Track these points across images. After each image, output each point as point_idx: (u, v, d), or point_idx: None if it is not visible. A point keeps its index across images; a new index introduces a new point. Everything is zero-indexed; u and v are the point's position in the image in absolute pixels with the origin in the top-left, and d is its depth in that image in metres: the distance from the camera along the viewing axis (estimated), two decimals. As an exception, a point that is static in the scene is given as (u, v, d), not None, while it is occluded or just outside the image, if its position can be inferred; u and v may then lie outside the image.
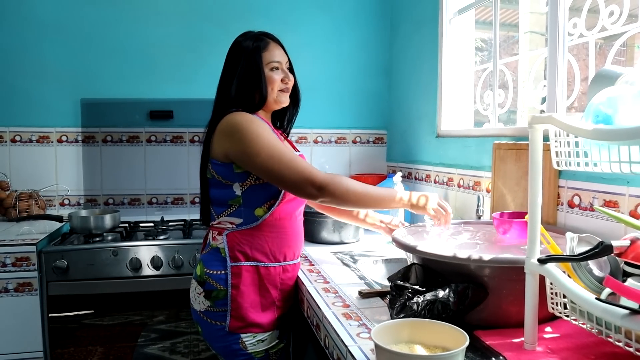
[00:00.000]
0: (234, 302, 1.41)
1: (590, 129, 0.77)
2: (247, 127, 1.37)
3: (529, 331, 0.92)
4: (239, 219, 1.44)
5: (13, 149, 2.58)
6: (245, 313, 1.42)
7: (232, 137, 1.38)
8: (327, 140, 2.86)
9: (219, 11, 2.69)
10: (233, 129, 1.38)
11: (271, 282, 1.45)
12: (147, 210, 2.71)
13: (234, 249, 1.43)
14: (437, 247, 1.15)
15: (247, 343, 1.43)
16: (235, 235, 1.43)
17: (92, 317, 2.10)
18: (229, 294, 1.41)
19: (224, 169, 1.42)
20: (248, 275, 1.42)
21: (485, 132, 1.95)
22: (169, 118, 2.68)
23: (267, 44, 1.49)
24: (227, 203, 1.45)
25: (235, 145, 1.37)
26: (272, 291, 1.45)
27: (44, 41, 2.56)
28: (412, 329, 0.92)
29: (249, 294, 1.42)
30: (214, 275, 1.43)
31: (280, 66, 1.49)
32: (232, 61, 1.49)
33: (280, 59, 1.50)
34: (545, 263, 0.88)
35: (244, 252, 1.43)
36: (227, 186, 1.43)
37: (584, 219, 1.38)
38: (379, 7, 2.86)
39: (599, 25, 1.45)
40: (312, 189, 1.33)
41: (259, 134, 1.36)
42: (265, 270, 1.44)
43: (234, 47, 1.51)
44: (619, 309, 0.73)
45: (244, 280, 1.42)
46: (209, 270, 1.44)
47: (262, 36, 1.51)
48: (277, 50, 1.50)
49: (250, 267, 1.43)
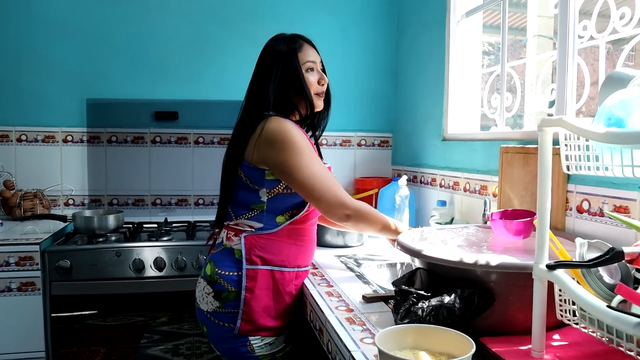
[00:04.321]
0: (247, 306, 1.39)
1: (603, 132, 0.75)
2: (291, 138, 1.36)
3: (536, 339, 0.90)
4: (259, 223, 1.43)
5: (19, 148, 2.58)
6: (258, 317, 1.40)
7: (274, 146, 1.36)
8: (331, 143, 2.85)
9: (226, 12, 2.69)
10: (276, 137, 1.36)
11: (285, 287, 1.44)
12: (151, 211, 2.70)
13: (251, 252, 1.41)
14: (442, 251, 1.13)
15: (254, 346, 1.41)
16: (253, 238, 1.42)
17: (95, 317, 2.10)
18: (242, 296, 1.39)
19: (255, 173, 1.40)
20: (264, 280, 1.41)
21: (492, 135, 1.93)
22: (174, 119, 2.68)
23: (301, 45, 1.48)
24: (249, 207, 1.43)
25: (277, 155, 1.36)
26: (285, 297, 1.44)
27: (51, 41, 2.57)
28: (416, 335, 0.90)
29: (263, 298, 1.41)
30: (226, 276, 1.41)
31: (315, 66, 1.49)
32: (266, 64, 1.47)
33: (315, 58, 1.49)
34: (554, 269, 0.86)
35: (262, 256, 1.41)
36: (254, 190, 1.42)
37: (593, 225, 1.36)
38: (385, 9, 2.84)
39: (609, 27, 1.43)
40: (343, 214, 1.38)
41: (302, 148, 1.36)
42: (280, 275, 1.43)
43: (266, 51, 1.49)
44: (631, 317, 0.71)
45: (259, 284, 1.40)
46: (221, 271, 1.42)
47: (295, 38, 1.50)
48: (311, 51, 1.50)
49: (266, 272, 1.41)
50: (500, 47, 1.96)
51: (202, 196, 2.74)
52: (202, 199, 2.74)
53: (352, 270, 1.63)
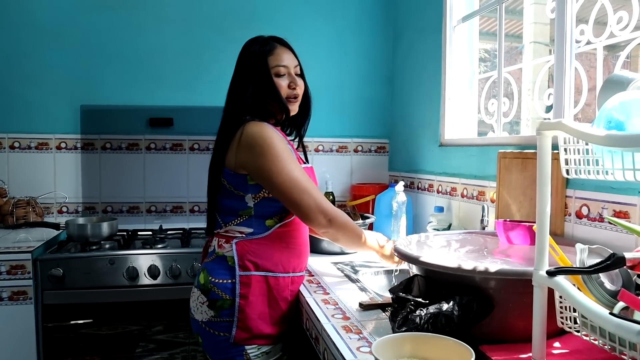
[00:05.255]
0: (242, 313, 1.37)
1: (603, 135, 0.73)
2: (269, 142, 1.34)
3: (536, 346, 0.88)
4: (249, 228, 1.41)
5: (12, 155, 2.56)
6: (253, 324, 1.37)
7: (253, 150, 1.35)
8: (328, 149, 2.84)
9: (221, 19, 2.68)
10: (254, 141, 1.35)
11: (280, 293, 1.42)
12: (145, 219, 2.68)
13: (243, 258, 1.39)
14: (440, 258, 1.12)
15: (251, 355, 1.38)
16: (245, 244, 1.40)
17: (90, 327, 2.07)
18: (237, 304, 1.36)
19: (237, 180, 1.39)
20: (258, 286, 1.38)
21: (490, 140, 1.92)
22: (169, 125, 2.66)
23: (273, 48, 1.45)
24: (237, 213, 1.42)
25: (255, 159, 1.35)
26: (281, 303, 1.42)
27: (44, 47, 2.55)
28: (414, 344, 0.89)
29: (258, 305, 1.38)
30: (220, 284, 1.38)
31: (287, 71, 1.45)
32: (241, 67, 1.47)
33: (288, 63, 1.45)
34: (555, 275, 0.84)
35: (254, 261, 1.39)
36: (239, 197, 1.40)
37: (593, 230, 1.34)
38: (382, 15, 2.84)
39: (607, 31, 1.42)
40: (323, 220, 1.36)
41: (281, 153, 1.35)
42: (275, 280, 1.41)
43: (242, 52, 1.48)
44: (634, 325, 0.69)
45: (254, 291, 1.38)
46: (214, 279, 1.39)
47: (270, 40, 1.48)
48: (285, 55, 1.46)
49: (260, 277, 1.39)
50: (497, 53, 1.95)
51: (197, 203, 2.72)
52: (197, 205, 2.72)
53: (349, 277, 1.61)
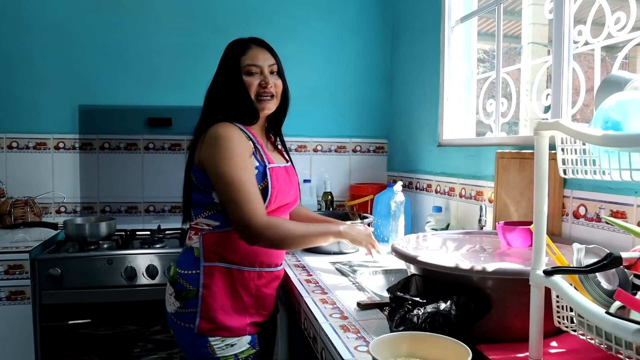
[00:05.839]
0: (204, 303, 1.38)
1: (600, 135, 0.73)
2: (223, 144, 1.35)
3: (533, 346, 0.89)
4: (215, 221, 1.42)
5: (9, 155, 2.56)
6: (215, 315, 1.38)
7: (209, 149, 1.37)
8: (326, 149, 2.84)
9: (219, 18, 2.68)
10: (212, 141, 1.37)
11: (244, 286, 1.42)
12: (144, 219, 2.68)
13: (208, 249, 1.41)
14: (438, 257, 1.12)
15: (215, 347, 1.39)
16: (211, 236, 1.42)
17: (88, 326, 2.06)
18: (200, 294, 1.39)
19: (202, 177, 1.40)
20: (220, 276, 1.40)
21: (488, 141, 1.92)
22: (168, 125, 2.66)
23: (247, 48, 1.45)
24: (205, 207, 1.43)
25: (209, 158, 1.37)
26: (244, 296, 1.42)
27: (42, 47, 2.55)
28: (411, 343, 0.88)
29: (221, 296, 1.40)
30: (186, 275, 1.41)
31: (260, 70, 1.44)
32: (219, 68, 1.48)
33: (261, 63, 1.44)
34: (552, 275, 0.84)
35: (218, 252, 1.40)
36: (207, 192, 1.41)
37: (590, 230, 1.35)
38: (380, 15, 2.84)
39: (604, 32, 1.42)
40: (248, 236, 1.33)
41: (230, 155, 1.34)
42: (239, 273, 1.41)
43: (223, 54, 1.50)
44: (630, 324, 0.69)
45: (216, 281, 1.40)
46: (181, 270, 1.43)
47: (247, 41, 1.48)
48: (260, 54, 1.45)
49: (222, 269, 1.41)
50: (496, 53, 1.96)
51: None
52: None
53: (347, 276, 1.61)
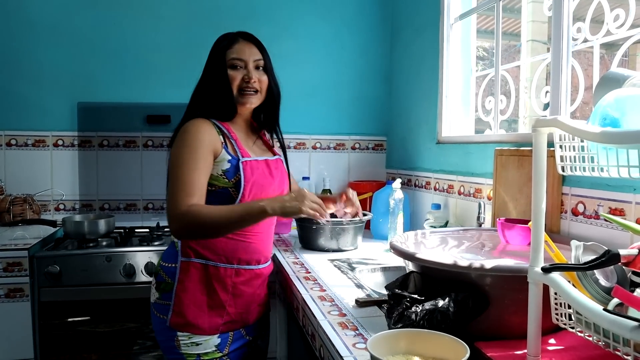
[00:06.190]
0: (177, 297, 1.40)
1: (598, 132, 0.73)
2: (181, 137, 1.36)
3: (532, 343, 0.89)
4: None
5: (8, 152, 2.55)
6: (186, 310, 1.39)
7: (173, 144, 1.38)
8: (325, 147, 2.83)
9: (218, 16, 2.67)
10: (178, 136, 1.38)
11: (220, 283, 1.42)
12: (143, 216, 2.67)
13: (185, 245, 1.42)
14: (436, 254, 1.12)
15: (181, 342, 1.39)
16: None
17: (87, 324, 2.06)
18: (174, 288, 1.40)
19: None
20: (196, 272, 1.40)
21: (487, 138, 1.92)
22: (166, 122, 2.65)
23: (234, 42, 1.43)
24: None
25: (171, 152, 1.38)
26: (220, 293, 1.42)
27: (41, 44, 2.54)
28: (409, 340, 0.88)
29: (194, 292, 1.40)
30: (166, 267, 1.44)
31: (244, 64, 1.42)
32: (206, 61, 1.47)
33: (247, 57, 1.42)
34: (550, 272, 0.84)
35: (195, 248, 1.41)
36: None
37: (589, 227, 1.35)
38: (379, 13, 2.84)
39: (603, 29, 1.42)
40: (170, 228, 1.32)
41: (180, 148, 1.34)
42: (215, 270, 1.41)
43: (211, 47, 1.48)
44: (628, 321, 0.69)
45: (191, 277, 1.40)
46: (163, 263, 1.46)
47: (235, 35, 1.46)
48: (246, 48, 1.43)
49: (198, 264, 1.41)
50: (495, 51, 1.95)
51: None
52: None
53: (346, 274, 1.61)
